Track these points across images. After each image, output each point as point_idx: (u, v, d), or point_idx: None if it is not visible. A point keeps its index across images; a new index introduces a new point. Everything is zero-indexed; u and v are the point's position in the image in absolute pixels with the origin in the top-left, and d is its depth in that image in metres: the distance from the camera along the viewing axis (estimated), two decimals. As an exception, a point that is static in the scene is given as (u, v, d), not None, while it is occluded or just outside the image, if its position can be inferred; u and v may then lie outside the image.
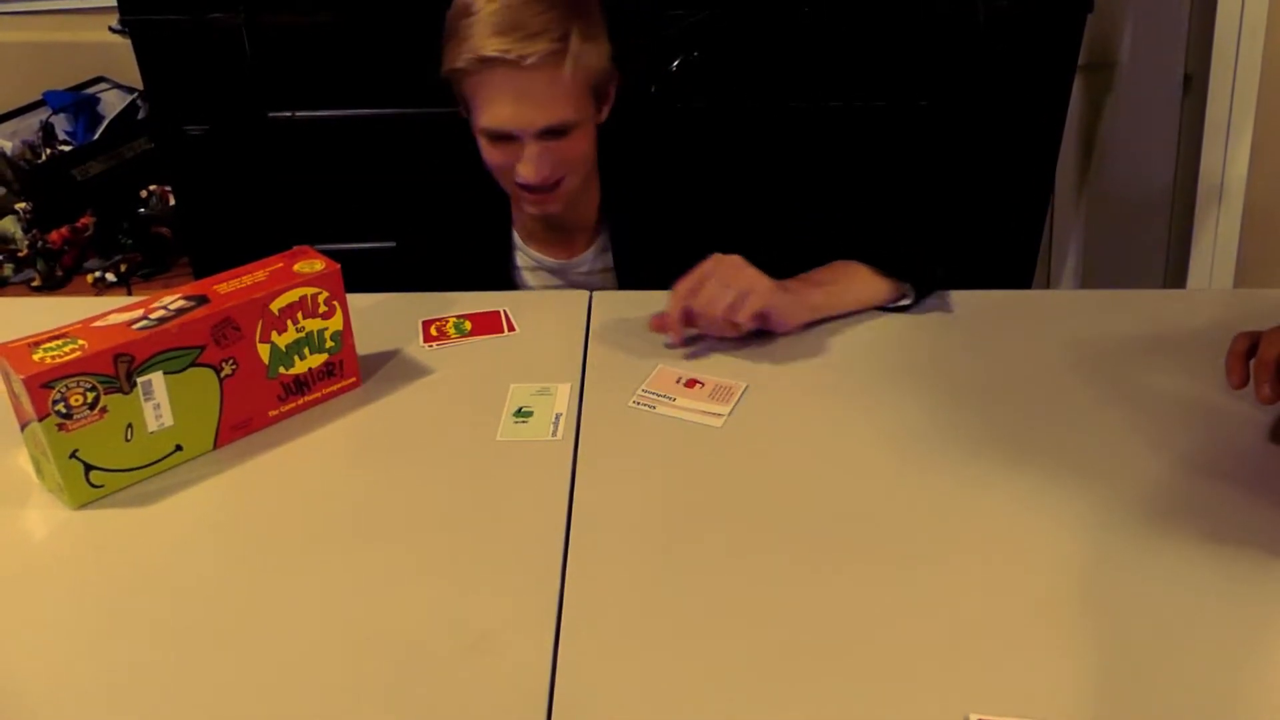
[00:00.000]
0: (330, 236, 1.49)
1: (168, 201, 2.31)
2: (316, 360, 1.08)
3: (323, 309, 1.06)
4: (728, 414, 1.06)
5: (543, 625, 0.81)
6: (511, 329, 1.23)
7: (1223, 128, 2.06)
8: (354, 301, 1.09)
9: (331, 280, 1.06)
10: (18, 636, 0.83)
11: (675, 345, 1.15)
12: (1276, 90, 2.03)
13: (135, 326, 0.95)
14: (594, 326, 1.22)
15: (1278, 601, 0.81)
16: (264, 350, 1.03)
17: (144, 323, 0.96)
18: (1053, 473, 0.95)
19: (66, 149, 2.36)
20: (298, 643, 0.80)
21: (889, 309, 1.23)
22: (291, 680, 0.77)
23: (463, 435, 1.04)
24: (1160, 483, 0.95)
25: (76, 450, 0.93)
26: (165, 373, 0.96)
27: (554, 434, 1.03)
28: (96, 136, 2.37)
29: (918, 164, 1.79)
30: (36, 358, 0.90)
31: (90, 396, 0.92)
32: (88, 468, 0.94)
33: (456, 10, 1.22)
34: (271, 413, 1.06)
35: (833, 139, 1.78)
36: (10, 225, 2.33)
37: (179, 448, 1.00)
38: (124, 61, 1.87)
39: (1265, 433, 1.00)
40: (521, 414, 1.06)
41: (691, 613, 0.82)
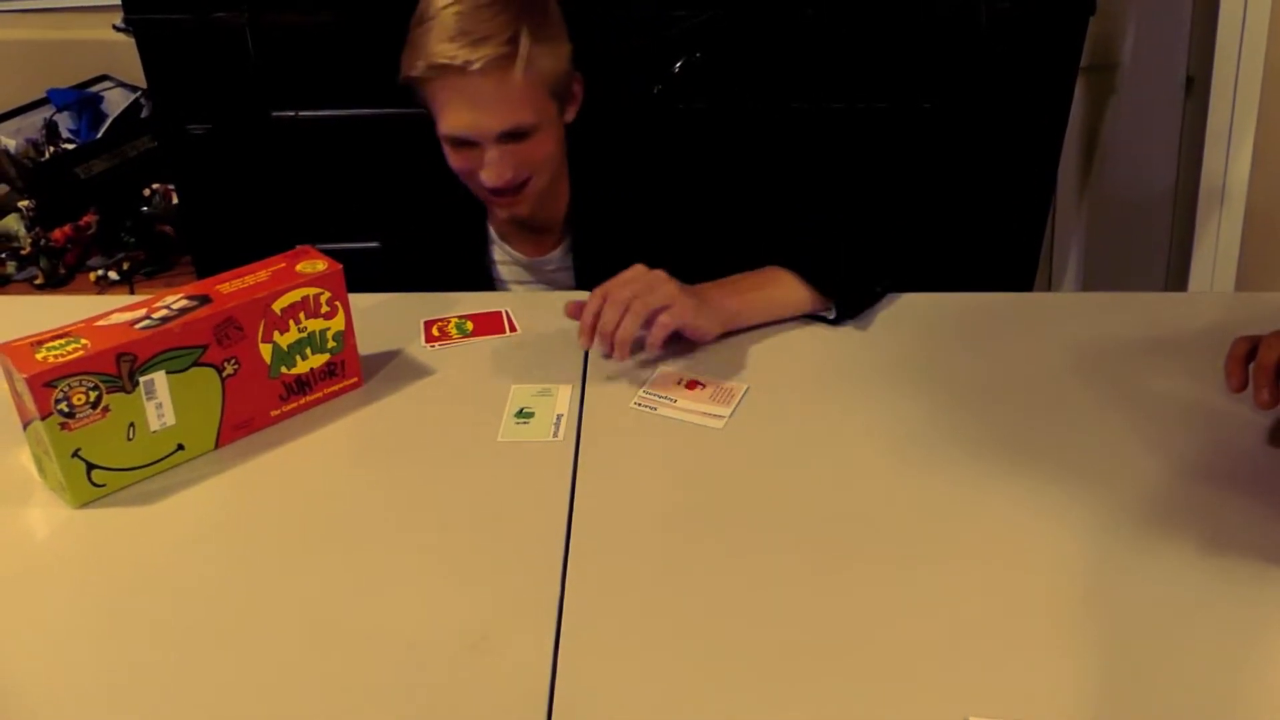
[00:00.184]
0: (333, 236, 1.49)
1: (170, 200, 2.31)
2: (318, 360, 1.08)
3: (325, 309, 1.06)
4: (729, 416, 1.06)
5: (543, 625, 0.81)
6: (513, 329, 1.23)
7: (1225, 130, 2.05)
8: (356, 301, 1.09)
9: (333, 280, 1.06)
10: (18, 635, 0.83)
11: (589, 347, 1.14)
12: (1279, 93, 2.03)
13: (138, 326, 0.96)
14: (595, 327, 1.22)
15: (1277, 603, 0.81)
16: (266, 350, 1.03)
17: (146, 322, 0.96)
18: (1053, 475, 0.96)
19: (70, 147, 2.36)
20: (298, 642, 0.81)
21: (817, 318, 1.21)
22: (292, 680, 0.77)
23: (464, 436, 1.04)
24: (1160, 485, 0.95)
25: (79, 449, 0.93)
26: (167, 372, 0.96)
27: (555, 435, 1.04)
28: (100, 135, 2.37)
29: (919, 165, 1.79)
30: (39, 357, 0.91)
31: (93, 395, 0.92)
32: (90, 467, 0.95)
33: (415, 18, 1.22)
34: (273, 412, 1.06)
35: (834, 140, 1.77)
36: (13, 223, 2.34)
37: (181, 447, 1.00)
38: (127, 60, 1.87)
39: (1265, 435, 1.00)
40: (523, 415, 1.07)
41: (691, 613, 0.82)
